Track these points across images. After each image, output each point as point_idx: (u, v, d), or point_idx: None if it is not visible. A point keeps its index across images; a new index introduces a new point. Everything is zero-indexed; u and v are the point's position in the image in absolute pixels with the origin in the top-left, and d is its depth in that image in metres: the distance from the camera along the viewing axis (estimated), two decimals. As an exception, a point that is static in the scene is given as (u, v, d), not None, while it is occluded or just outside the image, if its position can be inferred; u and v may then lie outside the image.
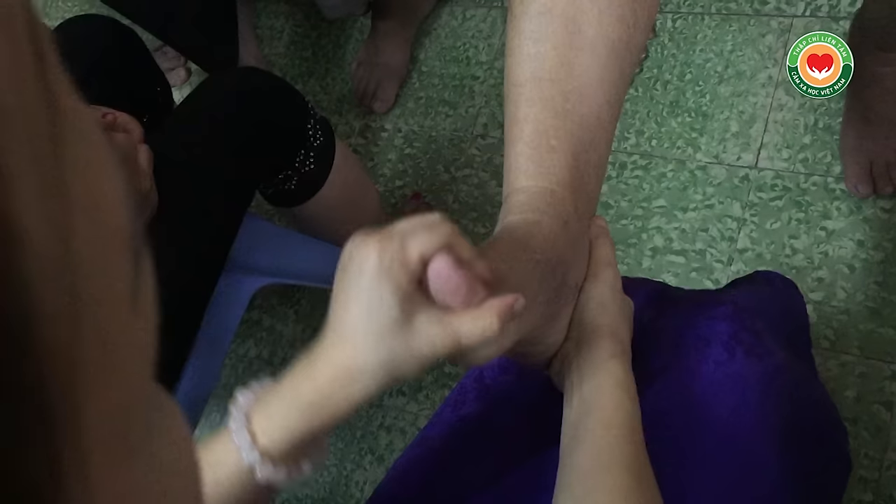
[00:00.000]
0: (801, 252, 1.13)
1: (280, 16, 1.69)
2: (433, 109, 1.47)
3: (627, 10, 0.54)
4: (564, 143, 0.52)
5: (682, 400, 0.56)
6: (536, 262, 0.47)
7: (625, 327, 0.54)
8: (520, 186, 0.51)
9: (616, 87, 0.54)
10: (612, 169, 1.29)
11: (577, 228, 0.51)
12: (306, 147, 0.94)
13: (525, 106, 0.53)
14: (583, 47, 0.53)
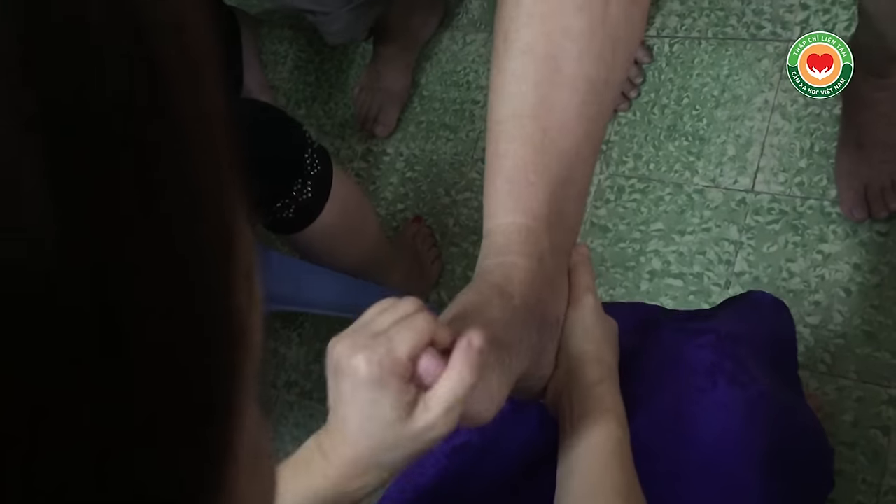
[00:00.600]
0: (797, 275, 1.14)
1: (284, 41, 1.71)
2: (434, 133, 1.49)
3: (607, 50, 0.55)
4: (543, 178, 0.53)
5: (665, 427, 0.57)
6: (515, 308, 0.48)
7: (609, 351, 0.55)
8: (497, 224, 0.52)
9: (595, 122, 0.56)
10: (610, 192, 1.30)
11: (553, 263, 0.52)
12: (303, 176, 0.96)
13: (505, 142, 0.54)
14: (563, 85, 0.54)
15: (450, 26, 1.53)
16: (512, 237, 0.51)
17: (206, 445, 0.16)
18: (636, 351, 0.62)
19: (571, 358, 0.53)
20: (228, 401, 0.16)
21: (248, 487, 0.18)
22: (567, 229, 0.54)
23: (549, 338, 0.52)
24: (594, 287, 0.56)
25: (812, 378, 1.09)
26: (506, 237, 0.52)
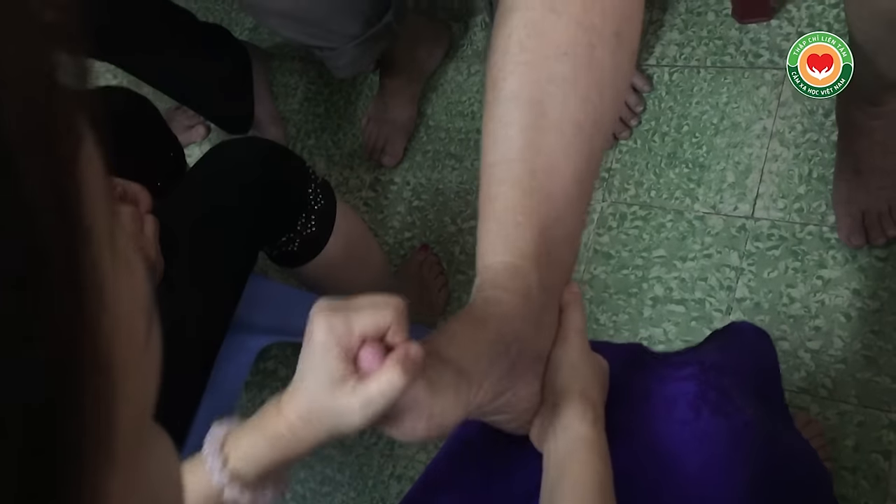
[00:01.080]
0: (798, 301, 1.15)
1: (294, 73, 1.75)
2: (440, 163, 1.51)
3: (593, 92, 0.57)
4: (531, 219, 0.55)
5: (650, 460, 0.59)
6: (489, 341, 0.50)
7: (596, 389, 0.57)
8: (487, 264, 0.55)
9: (585, 163, 0.57)
10: (612, 219, 1.31)
11: (539, 301, 0.54)
12: (307, 210, 0.98)
13: (495, 185, 0.56)
14: (549, 128, 0.56)
15: (455, 57, 1.56)
16: (500, 275, 0.54)
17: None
18: (622, 383, 0.63)
19: (557, 394, 0.54)
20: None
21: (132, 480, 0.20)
22: (557, 268, 0.56)
23: (527, 373, 0.54)
24: (583, 326, 0.57)
25: (813, 403, 1.10)
26: (494, 273, 0.54)
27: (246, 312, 0.97)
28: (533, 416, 0.57)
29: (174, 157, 1.14)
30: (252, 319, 0.98)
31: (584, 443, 0.52)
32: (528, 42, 0.57)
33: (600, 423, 0.55)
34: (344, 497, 1.40)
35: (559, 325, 0.58)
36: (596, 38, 0.57)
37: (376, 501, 1.37)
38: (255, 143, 0.97)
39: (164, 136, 1.13)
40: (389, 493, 1.36)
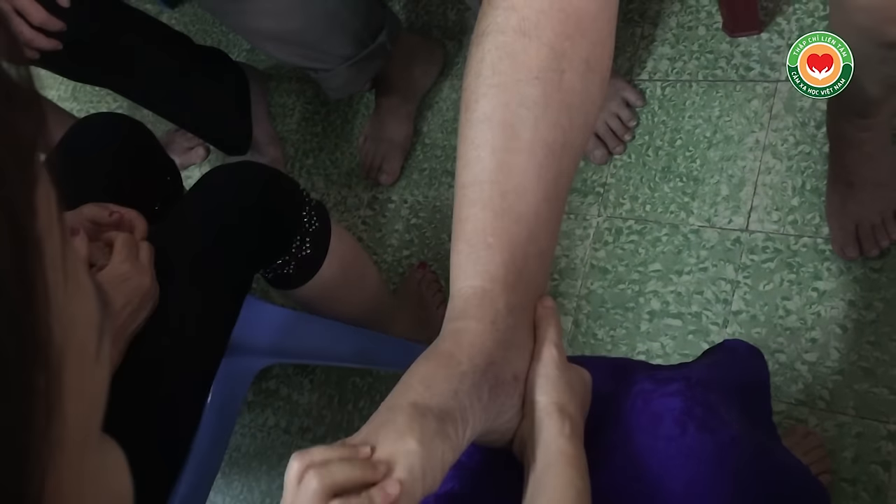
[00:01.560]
0: (794, 313, 1.15)
1: (291, 94, 1.76)
2: (437, 180, 1.52)
3: (563, 116, 0.58)
4: (501, 240, 0.56)
5: (634, 476, 0.59)
6: (463, 373, 0.51)
7: (574, 403, 0.57)
8: (458, 288, 0.55)
9: (555, 184, 0.58)
10: (608, 234, 1.32)
11: (508, 324, 0.55)
12: (302, 233, 0.99)
13: (467, 206, 0.57)
14: (520, 151, 0.57)
15: (449, 75, 1.57)
16: (469, 301, 0.54)
17: None
18: (608, 397, 0.64)
19: (535, 409, 0.55)
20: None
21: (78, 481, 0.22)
22: (528, 288, 0.57)
23: (507, 395, 0.55)
24: (558, 340, 0.58)
25: (811, 415, 1.10)
26: (463, 301, 0.54)
27: (243, 334, 0.98)
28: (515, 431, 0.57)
29: (171, 180, 1.15)
30: (249, 341, 0.99)
31: (562, 457, 0.53)
32: (499, 65, 0.58)
33: (578, 438, 0.55)
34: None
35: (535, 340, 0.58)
36: (566, 64, 0.58)
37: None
38: (248, 167, 0.98)
39: (161, 161, 1.14)
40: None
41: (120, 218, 0.91)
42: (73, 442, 0.21)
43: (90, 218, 0.89)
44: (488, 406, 0.53)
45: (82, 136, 1.07)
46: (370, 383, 1.47)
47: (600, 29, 0.60)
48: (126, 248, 0.86)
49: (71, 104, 2.06)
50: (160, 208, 1.10)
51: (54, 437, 0.20)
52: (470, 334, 0.54)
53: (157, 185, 1.11)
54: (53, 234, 0.20)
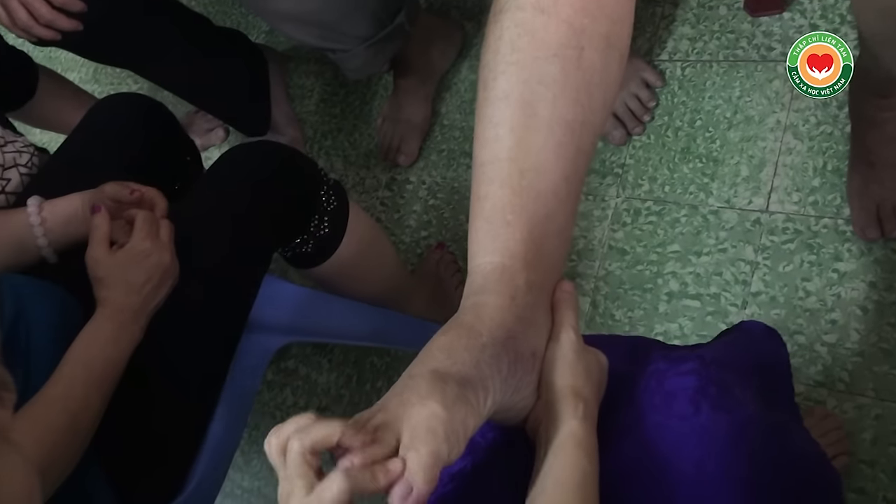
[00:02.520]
0: (813, 294, 1.14)
1: (310, 75, 1.77)
2: (455, 161, 1.52)
3: (583, 94, 0.58)
4: (520, 218, 0.56)
5: (647, 455, 0.59)
6: (483, 345, 0.51)
7: (589, 387, 0.57)
8: (477, 264, 0.56)
9: (573, 162, 0.58)
10: (626, 215, 1.32)
11: (527, 300, 0.55)
12: (320, 212, 1.00)
13: (485, 184, 0.57)
14: (538, 128, 0.57)
15: (468, 56, 1.56)
16: (489, 277, 0.54)
17: None
18: (624, 376, 0.64)
19: (550, 391, 0.55)
20: None
21: None
22: (547, 267, 0.57)
23: (525, 370, 0.55)
24: (576, 323, 0.58)
25: (830, 397, 1.09)
26: (483, 277, 0.55)
27: (262, 313, 0.98)
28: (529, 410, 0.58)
29: (191, 161, 1.16)
30: (268, 320, 1.00)
31: (572, 439, 0.53)
32: (518, 42, 0.58)
33: (591, 421, 0.55)
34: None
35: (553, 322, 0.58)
36: (585, 40, 0.58)
37: None
38: (267, 146, 0.98)
39: (181, 141, 1.15)
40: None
41: (140, 196, 0.92)
42: None
43: (111, 196, 0.90)
44: (507, 379, 0.54)
45: (103, 116, 1.08)
46: (388, 363, 1.48)
47: (620, 5, 0.60)
48: (147, 225, 0.87)
49: (92, 86, 2.08)
50: (180, 188, 1.11)
51: None
52: (490, 308, 0.54)
53: (177, 165, 1.12)
54: None
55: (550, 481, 0.51)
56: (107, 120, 1.07)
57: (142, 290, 0.85)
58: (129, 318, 0.84)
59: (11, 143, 1.08)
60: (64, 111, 1.51)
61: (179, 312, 0.89)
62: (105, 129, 1.05)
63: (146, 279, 0.85)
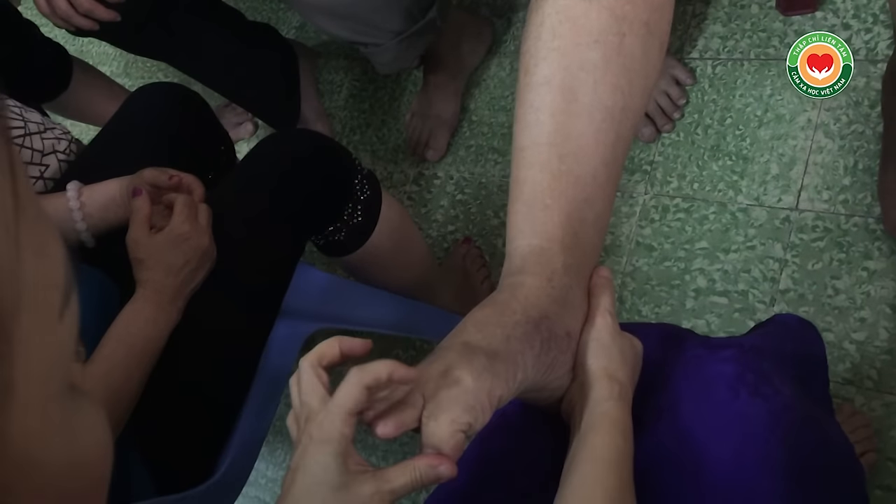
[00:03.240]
0: (842, 292, 1.14)
1: (340, 71, 1.78)
2: (483, 157, 1.53)
3: (623, 80, 0.59)
4: (559, 202, 0.57)
5: (684, 440, 0.59)
6: (516, 322, 0.52)
7: (624, 369, 0.58)
8: (515, 247, 0.56)
9: (613, 148, 0.59)
10: (655, 212, 1.32)
11: (563, 282, 0.56)
12: (353, 201, 1.01)
13: (525, 168, 0.58)
14: (579, 114, 0.58)
15: (497, 53, 1.57)
16: (526, 259, 0.55)
17: None
18: (661, 363, 0.64)
19: (585, 373, 0.56)
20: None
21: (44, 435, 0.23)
22: (584, 251, 0.58)
23: (560, 350, 0.56)
24: (612, 307, 0.59)
25: (858, 394, 1.09)
26: (521, 259, 0.56)
27: (293, 299, 1.00)
28: (564, 392, 0.58)
29: (224, 150, 1.17)
30: (299, 305, 1.01)
31: (608, 418, 0.54)
32: (560, 29, 0.59)
33: (626, 403, 0.56)
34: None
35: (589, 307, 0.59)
36: (626, 27, 0.59)
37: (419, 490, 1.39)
38: (304, 133, 1.00)
39: (215, 130, 1.16)
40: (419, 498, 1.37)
41: (179, 182, 0.93)
42: (33, 394, 0.22)
43: (150, 181, 0.92)
44: (540, 357, 0.54)
45: (140, 105, 1.10)
46: (413, 356, 1.48)
47: None
48: (186, 209, 0.88)
49: (123, 80, 2.10)
50: (213, 178, 1.12)
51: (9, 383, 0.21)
52: (526, 288, 0.55)
53: (211, 154, 1.14)
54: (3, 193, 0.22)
55: (585, 457, 0.52)
56: (144, 108, 1.08)
57: (180, 272, 0.86)
58: (168, 300, 0.85)
59: (50, 129, 1.10)
60: (97, 102, 1.53)
61: (214, 295, 0.90)
62: (142, 118, 1.07)
63: (184, 262, 0.86)
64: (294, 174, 0.96)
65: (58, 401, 0.24)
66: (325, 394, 0.48)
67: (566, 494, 0.51)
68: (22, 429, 0.22)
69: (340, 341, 0.51)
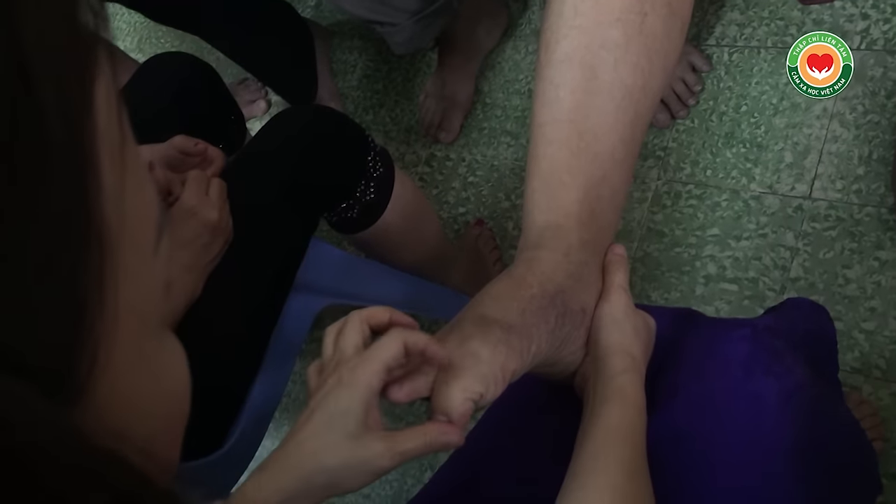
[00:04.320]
0: (853, 282, 1.14)
1: (354, 51, 1.78)
2: (496, 140, 1.53)
3: (643, 59, 0.59)
4: (576, 179, 0.57)
5: (698, 417, 0.60)
6: (532, 295, 0.53)
7: (637, 345, 0.58)
8: (532, 221, 0.57)
9: (632, 127, 0.59)
10: (667, 198, 1.32)
11: (579, 258, 0.56)
12: (367, 177, 1.01)
13: (543, 145, 0.58)
14: (599, 91, 0.58)
15: (513, 36, 1.57)
16: (543, 234, 0.56)
17: None
18: (674, 341, 0.65)
19: (599, 348, 0.56)
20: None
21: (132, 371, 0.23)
22: (600, 227, 0.58)
23: (574, 325, 0.56)
24: (626, 284, 0.59)
25: (866, 383, 1.09)
26: (538, 234, 0.56)
27: (305, 274, 1.00)
28: (576, 367, 0.59)
29: (235, 120, 1.17)
30: (310, 280, 1.01)
31: (621, 393, 0.54)
32: (582, 6, 0.59)
33: (639, 379, 0.56)
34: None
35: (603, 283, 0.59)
36: (648, 6, 0.59)
37: (425, 468, 1.40)
38: (317, 110, 1.00)
39: (226, 101, 1.16)
40: (438, 459, 1.38)
41: (205, 149, 0.93)
42: (128, 327, 0.22)
43: (179, 147, 0.92)
44: (555, 331, 0.55)
45: (150, 74, 1.10)
46: (421, 337, 1.49)
47: None
48: (195, 185, 0.88)
49: (136, 55, 2.10)
50: (224, 147, 1.13)
51: (108, 314, 0.21)
52: (542, 263, 0.55)
53: (222, 123, 1.14)
54: (111, 124, 0.22)
55: (599, 429, 0.53)
56: (155, 77, 1.09)
57: (190, 246, 0.86)
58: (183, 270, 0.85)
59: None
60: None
61: (227, 266, 0.91)
62: (154, 86, 1.07)
63: (193, 236, 0.87)
64: (308, 150, 0.96)
65: (151, 337, 0.25)
66: (361, 346, 0.49)
67: (579, 465, 0.51)
68: (120, 362, 0.22)
69: (392, 312, 0.52)
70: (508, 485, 0.62)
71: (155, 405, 0.25)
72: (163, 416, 0.26)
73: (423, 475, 1.40)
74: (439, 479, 0.66)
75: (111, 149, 0.22)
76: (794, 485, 0.59)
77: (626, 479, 0.49)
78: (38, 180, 0.19)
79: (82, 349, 0.20)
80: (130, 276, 0.22)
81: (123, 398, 0.23)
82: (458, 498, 0.63)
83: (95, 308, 0.21)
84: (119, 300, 0.22)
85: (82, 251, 0.20)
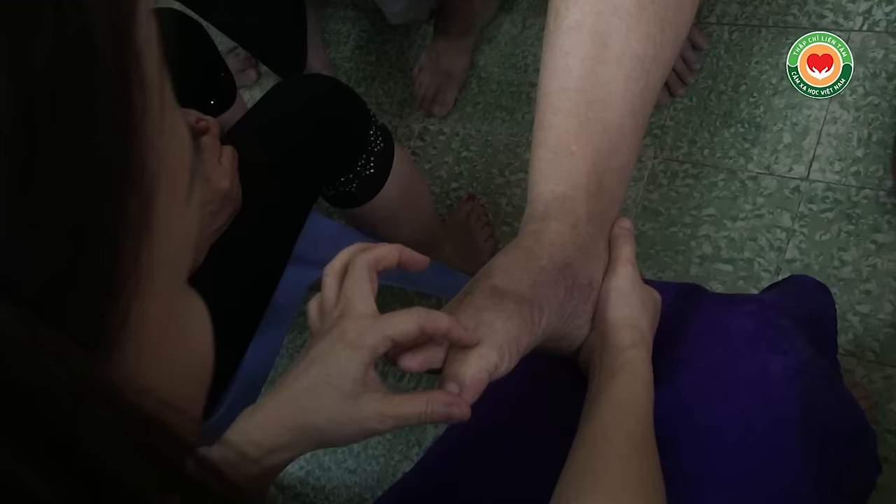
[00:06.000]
0: (849, 264, 1.14)
1: (347, 21, 1.75)
2: (490, 115, 1.51)
3: (655, 28, 0.58)
4: (585, 149, 0.56)
5: (706, 389, 0.59)
6: (541, 268, 0.52)
7: (645, 319, 0.57)
8: (539, 192, 0.55)
9: (641, 98, 0.58)
10: (663, 177, 1.31)
11: (587, 231, 0.55)
12: (367, 152, 0.99)
13: (551, 114, 0.57)
14: (609, 60, 0.57)
15: (510, 10, 1.55)
16: (550, 205, 0.54)
17: None
18: (679, 316, 0.64)
19: (606, 322, 0.55)
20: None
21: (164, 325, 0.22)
22: (607, 199, 0.57)
23: (582, 298, 0.55)
24: (633, 258, 0.58)
25: (859, 366, 1.10)
26: (545, 205, 0.55)
27: (303, 246, 0.98)
28: (582, 342, 0.58)
29: (224, 77, 1.15)
30: (307, 253, 1.00)
31: (629, 366, 0.53)
32: None
33: (646, 352, 0.56)
34: (380, 439, 1.42)
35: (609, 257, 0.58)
36: None
37: (412, 444, 1.39)
38: (320, 81, 0.98)
39: (214, 57, 1.14)
40: (426, 435, 1.38)
41: (207, 126, 0.91)
42: (160, 279, 0.21)
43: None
44: (564, 304, 0.54)
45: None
46: (412, 312, 1.48)
47: None
48: (209, 151, 0.86)
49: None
50: (216, 103, 1.10)
51: (143, 264, 0.20)
52: (551, 234, 0.54)
53: (212, 80, 1.12)
54: (152, 55, 0.21)
55: (606, 402, 0.52)
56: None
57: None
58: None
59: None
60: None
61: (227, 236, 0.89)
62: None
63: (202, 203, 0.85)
64: (310, 121, 0.94)
65: (179, 292, 0.23)
66: (372, 301, 0.48)
67: (586, 437, 0.50)
68: (151, 315, 0.21)
69: (402, 250, 0.50)
70: (516, 457, 0.61)
71: (182, 363, 0.24)
72: (188, 375, 0.25)
73: (411, 451, 1.39)
74: (439, 450, 0.65)
75: (153, 81, 0.20)
76: (799, 460, 0.59)
77: (633, 452, 0.49)
78: (83, 115, 0.18)
79: (117, 300, 0.19)
80: (163, 225, 0.21)
81: (151, 355, 0.21)
82: (463, 470, 0.62)
83: (131, 257, 0.19)
84: (154, 249, 0.20)
85: (123, 195, 0.19)
